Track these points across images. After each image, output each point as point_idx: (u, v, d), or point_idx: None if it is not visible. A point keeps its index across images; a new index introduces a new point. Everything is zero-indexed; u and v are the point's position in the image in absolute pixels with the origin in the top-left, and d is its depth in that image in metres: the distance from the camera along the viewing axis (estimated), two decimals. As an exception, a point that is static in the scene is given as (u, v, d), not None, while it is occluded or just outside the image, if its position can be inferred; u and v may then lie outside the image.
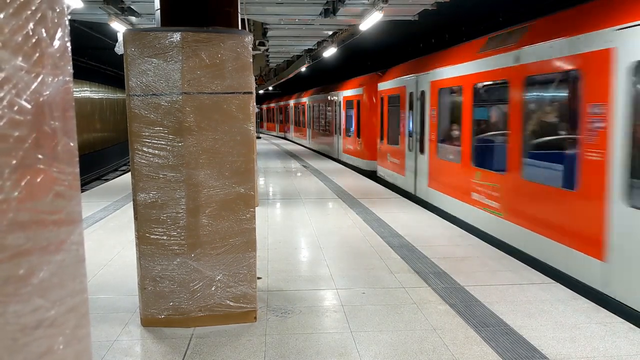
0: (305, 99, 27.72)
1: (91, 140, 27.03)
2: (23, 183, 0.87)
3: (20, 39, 0.85)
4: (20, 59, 0.85)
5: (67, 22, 0.97)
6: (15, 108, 0.85)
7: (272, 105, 43.71)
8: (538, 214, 6.42)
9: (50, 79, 0.92)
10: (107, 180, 19.80)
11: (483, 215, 7.84)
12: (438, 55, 10.45)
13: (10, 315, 0.88)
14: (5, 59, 0.83)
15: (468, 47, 8.87)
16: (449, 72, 9.36)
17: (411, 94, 11.37)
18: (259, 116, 47.94)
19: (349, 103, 18.13)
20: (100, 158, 27.94)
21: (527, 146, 6.78)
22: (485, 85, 8.12)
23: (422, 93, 10.61)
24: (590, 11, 5.75)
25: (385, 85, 13.59)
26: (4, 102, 0.83)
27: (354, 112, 17.48)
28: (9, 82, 0.83)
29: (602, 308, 4.76)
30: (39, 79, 0.90)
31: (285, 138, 35.95)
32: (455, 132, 9.18)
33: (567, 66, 5.90)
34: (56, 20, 0.93)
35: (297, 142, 30.25)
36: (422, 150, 10.70)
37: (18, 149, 0.86)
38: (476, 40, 8.67)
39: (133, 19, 10.72)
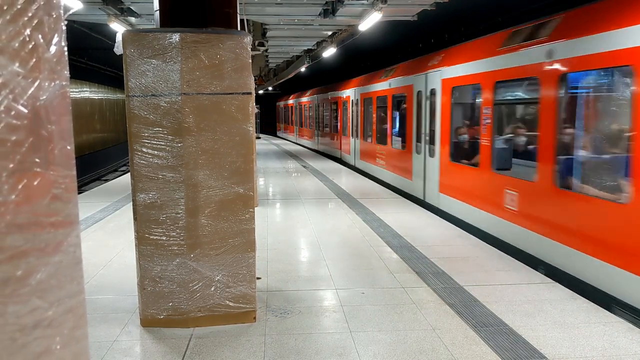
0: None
1: (91, 141, 27.06)
2: (20, 186, 0.89)
3: (17, 44, 0.87)
4: (17, 64, 0.87)
5: (63, 27, 0.99)
6: (12, 113, 0.86)
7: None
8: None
9: (47, 84, 0.94)
10: (106, 180, 19.82)
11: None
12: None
13: (9, 315, 0.90)
14: (2, 64, 0.84)
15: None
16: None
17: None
18: (291, 116, 34.47)
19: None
20: (100, 158, 27.95)
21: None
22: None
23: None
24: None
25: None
26: (1, 107, 0.84)
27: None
28: (5, 88, 0.85)
29: (601, 308, 4.78)
30: (36, 84, 0.91)
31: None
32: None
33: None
34: (53, 26, 0.95)
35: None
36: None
37: (15, 153, 0.88)
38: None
39: (132, 19, 10.73)
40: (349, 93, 18.54)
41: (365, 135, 16.37)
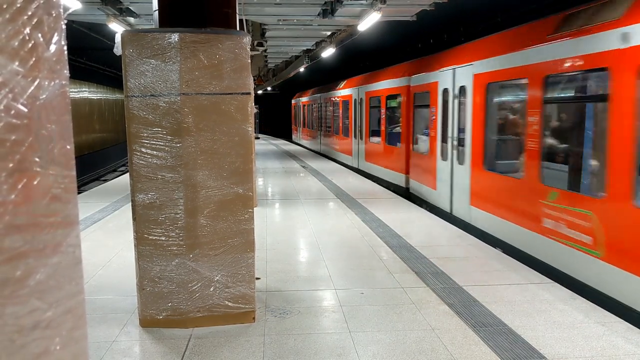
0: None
1: (90, 141, 27.03)
2: (20, 186, 0.88)
3: (16, 44, 0.87)
4: (16, 63, 0.87)
5: (63, 27, 0.99)
6: (12, 112, 0.86)
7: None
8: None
9: (46, 83, 0.93)
10: (105, 180, 19.80)
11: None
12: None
13: (8, 316, 0.89)
14: (1, 64, 0.84)
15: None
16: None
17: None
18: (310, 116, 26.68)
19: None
20: (99, 158, 27.93)
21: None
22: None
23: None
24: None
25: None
26: (1, 107, 0.84)
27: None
28: (5, 87, 0.84)
29: (600, 307, 4.78)
30: (36, 83, 0.91)
31: None
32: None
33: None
34: (52, 25, 0.94)
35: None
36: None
37: (15, 153, 0.87)
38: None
39: (131, 19, 10.72)
40: (435, 79, 10.31)
41: (487, 160, 8.12)
